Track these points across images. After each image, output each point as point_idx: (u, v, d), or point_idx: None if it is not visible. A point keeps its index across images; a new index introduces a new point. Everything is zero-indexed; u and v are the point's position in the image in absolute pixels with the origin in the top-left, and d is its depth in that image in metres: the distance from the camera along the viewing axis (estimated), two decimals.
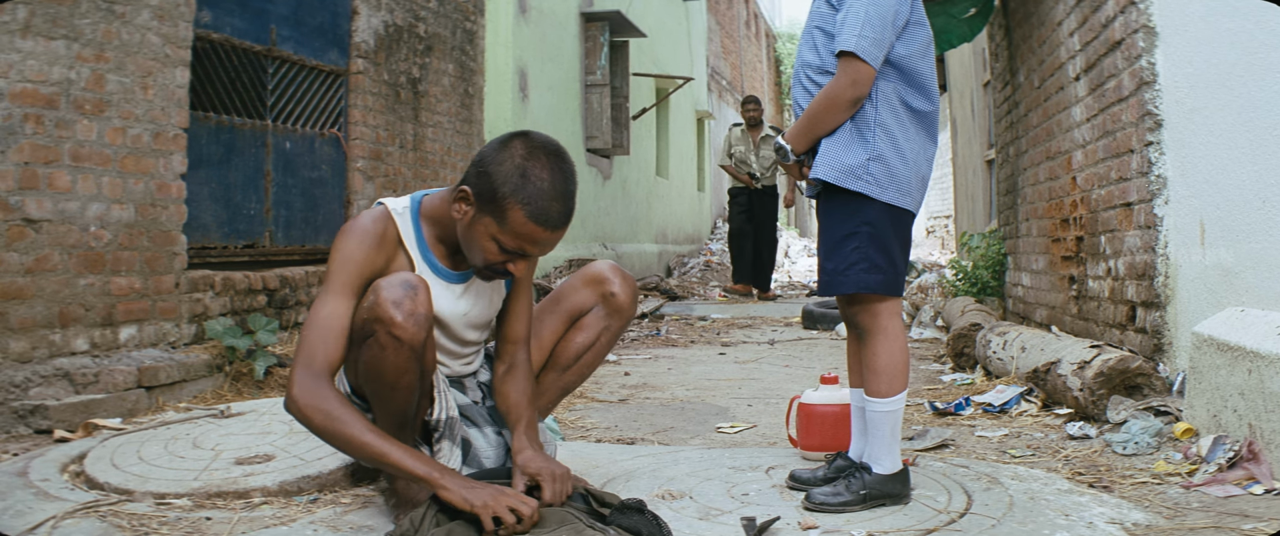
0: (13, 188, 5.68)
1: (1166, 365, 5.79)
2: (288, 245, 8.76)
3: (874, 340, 4.16)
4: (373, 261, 3.68)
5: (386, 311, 3.44)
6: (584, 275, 4.31)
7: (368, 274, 3.67)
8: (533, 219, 3.52)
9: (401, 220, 3.81)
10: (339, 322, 3.57)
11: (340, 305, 3.59)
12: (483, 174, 3.56)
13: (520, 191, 3.50)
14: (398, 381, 3.57)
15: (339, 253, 3.66)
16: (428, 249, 3.83)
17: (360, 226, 3.71)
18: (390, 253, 3.76)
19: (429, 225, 3.84)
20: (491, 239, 3.58)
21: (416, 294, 3.49)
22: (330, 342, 3.54)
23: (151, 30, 6.62)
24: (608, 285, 4.24)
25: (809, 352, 9.88)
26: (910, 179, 4.14)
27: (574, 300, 4.27)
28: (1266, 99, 5.00)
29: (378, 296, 3.48)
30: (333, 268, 3.65)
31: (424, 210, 3.85)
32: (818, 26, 4.23)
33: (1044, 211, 8.88)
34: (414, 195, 3.91)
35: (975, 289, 11.41)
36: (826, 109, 4.08)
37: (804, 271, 25.28)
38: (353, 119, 9.68)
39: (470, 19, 12.52)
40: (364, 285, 3.66)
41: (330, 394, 3.44)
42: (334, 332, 3.55)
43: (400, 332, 3.45)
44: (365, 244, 3.68)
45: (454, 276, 3.87)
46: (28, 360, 5.73)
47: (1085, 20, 7.06)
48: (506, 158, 3.55)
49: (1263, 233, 4.99)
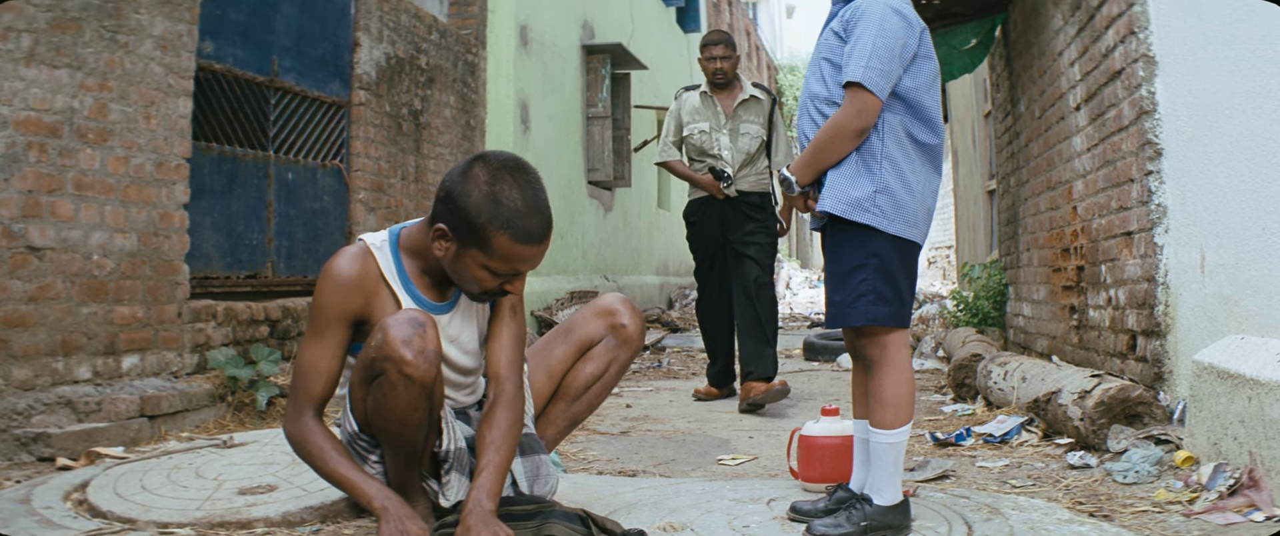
0: (16, 215, 5.70)
1: (1167, 393, 5.79)
2: (289, 276, 8.78)
3: (881, 371, 4.15)
4: (350, 302, 3.74)
5: (396, 350, 3.46)
6: (594, 307, 4.33)
7: (347, 315, 3.74)
8: (518, 240, 3.57)
9: (381, 255, 3.83)
10: (323, 363, 3.71)
11: (322, 347, 3.72)
12: (454, 208, 3.59)
13: (498, 217, 3.54)
14: (407, 418, 3.59)
15: (318, 294, 3.75)
16: (410, 282, 3.84)
17: (337, 268, 3.76)
18: (371, 290, 3.78)
19: (409, 257, 3.86)
20: (483, 268, 3.62)
21: (425, 332, 3.51)
22: (313, 382, 3.71)
23: (154, 60, 6.65)
24: (617, 317, 4.27)
25: (810, 384, 9.86)
26: (917, 211, 4.14)
27: (584, 331, 4.29)
28: (1265, 127, 5.01)
29: (386, 335, 3.49)
30: (313, 309, 3.76)
31: (404, 242, 3.87)
32: (825, 58, 4.24)
33: (1045, 241, 8.88)
34: (392, 228, 3.93)
35: (976, 319, 11.40)
36: (832, 139, 4.09)
37: (805, 303, 25.25)
38: (354, 150, 9.71)
39: (472, 51, 12.57)
40: (345, 325, 3.75)
41: (313, 427, 3.69)
42: (319, 373, 3.71)
43: (411, 371, 3.47)
44: (342, 287, 3.74)
45: (439, 307, 3.88)
46: (30, 387, 5.73)
47: (1085, 50, 7.08)
48: (473, 187, 3.58)
49: (1262, 260, 5.00)
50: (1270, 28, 5.17)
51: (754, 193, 8.82)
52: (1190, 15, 5.67)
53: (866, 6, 4.12)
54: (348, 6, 9.73)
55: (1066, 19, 7.63)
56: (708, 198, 8.90)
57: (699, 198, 9.02)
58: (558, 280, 14.65)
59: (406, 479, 3.79)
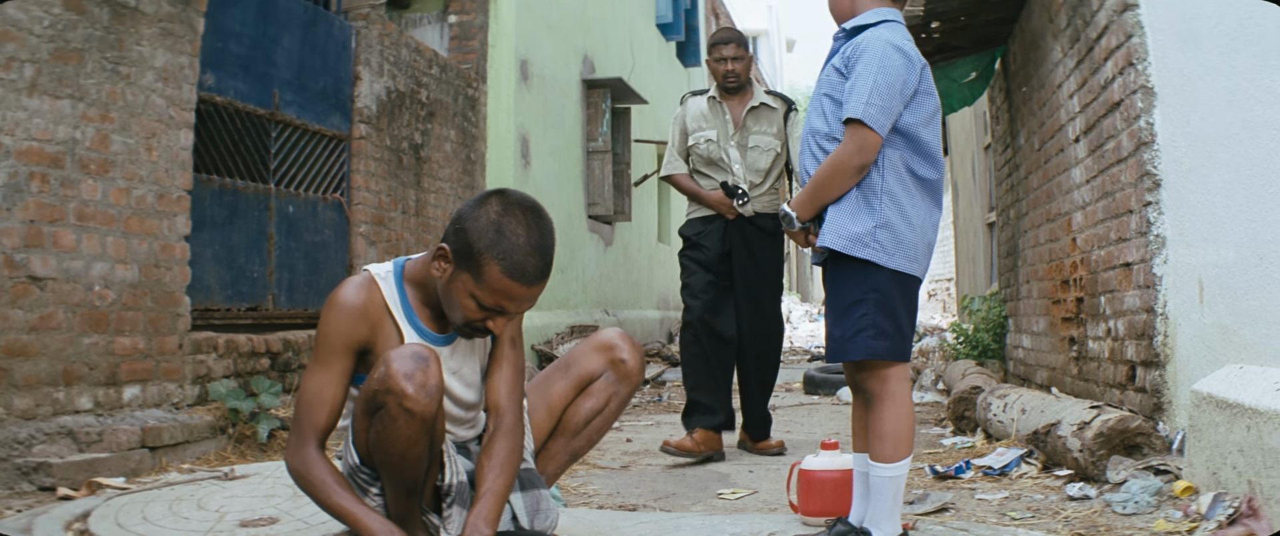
0: (18, 245, 5.72)
1: (1166, 424, 5.79)
2: (290, 308, 8.79)
3: (881, 405, 4.16)
4: (356, 332, 3.73)
5: (398, 384, 3.46)
6: (594, 342, 4.32)
7: (353, 345, 3.73)
8: (509, 274, 3.56)
9: (385, 285, 3.83)
10: (326, 392, 3.69)
11: (326, 376, 3.70)
12: (459, 231, 3.61)
13: (495, 247, 3.54)
14: (408, 452, 3.59)
15: (323, 324, 3.74)
16: (413, 313, 3.84)
17: (343, 297, 3.76)
18: (375, 320, 3.78)
19: (413, 289, 3.86)
20: (469, 296, 3.61)
21: (427, 366, 3.51)
22: (317, 412, 3.67)
23: (156, 92, 6.68)
24: (617, 352, 4.26)
25: (810, 418, 9.86)
26: (917, 245, 4.16)
27: (584, 366, 4.28)
28: (1263, 157, 5.04)
29: (389, 369, 3.49)
30: (318, 339, 3.74)
31: (408, 274, 3.88)
32: (826, 94, 4.26)
33: (1044, 273, 8.89)
34: (397, 260, 3.94)
35: (976, 352, 11.40)
36: (833, 175, 4.12)
37: (805, 336, 25.22)
38: (355, 184, 9.73)
39: (472, 86, 12.60)
40: (349, 355, 3.73)
41: (315, 459, 3.64)
42: (322, 402, 3.68)
43: (412, 405, 3.47)
44: (348, 316, 3.72)
45: (440, 339, 3.88)
46: (32, 417, 5.74)
47: (1084, 82, 7.10)
48: (482, 214, 3.60)
49: (1260, 289, 5.02)
50: (1267, 57, 5.21)
51: (767, 215, 7.72)
52: (1188, 46, 5.71)
53: (868, 43, 4.14)
54: (348, 40, 9.77)
55: (1066, 51, 7.66)
56: (714, 216, 7.76)
57: (702, 215, 7.85)
58: (558, 314, 14.65)
59: (407, 512, 3.79)
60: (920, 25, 9.77)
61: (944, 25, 9.99)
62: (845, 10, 4.39)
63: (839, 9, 4.43)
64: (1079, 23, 7.19)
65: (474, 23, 12.99)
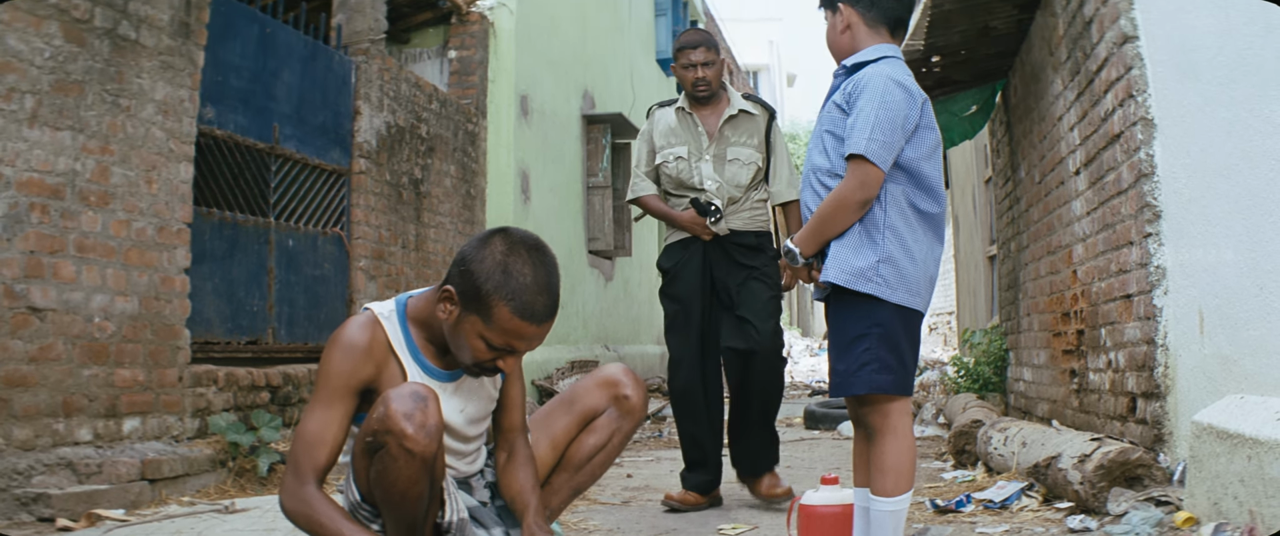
0: (18, 275, 5.72)
1: (1167, 455, 5.78)
2: (290, 342, 8.78)
3: (883, 439, 4.17)
4: (360, 371, 3.72)
5: (398, 424, 3.45)
6: (597, 378, 4.31)
7: (356, 384, 3.71)
8: (518, 314, 3.57)
9: (389, 324, 3.83)
10: (328, 432, 3.65)
11: (329, 415, 3.66)
12: (465, 272, 3.61)
13: (504, 288, 3.55)
14: (408, 491, 3.57)
15: (326, 363, 3.71)
16: (418, 351, 3.84)
17: (347, 337, 3.74)
18: (380, 359, 3.77)
19: (417, 327, 3.86)
20: (479, 337, 3.61)
21: (427, 406, 3.50)
22: (317, 452, 3.63)
23: (156, 125, 6.69)
24: (621, 388, 4.25)
25: (810, 453, 9.85)
26: (919, 279, 4.18)
27: (587, 402, 4.27)
28: (1262, 187, 5.05)
29: (388, 408, 3.48)
30: (320, 378, 3.72)
31: (411, 312, 3.87)
32: (828, 130, 4.28)
33: (1045, 305, 8.89)
34: (399, 297, 3.93)
35: (977, 385, 11.38)
36: (836, 211, 4.14)
37: (806, 371, 25.17)
38: (355, 218, 9.75)
39: (472, 121, 12.63)
40: (353, 395, 3.71)
41: (317, 497, 3.59)
42: (323, 441, 3.64)
43: (412, 445, 3.46)
44: (353, 354, 3.71)
45: (445, 375, 3.88)
46: (31, 448, 5.73)
47: (1085, 114, 7.11)
48: (487, 255, 3.60)
49: (1260, 320, 5.02)
50: (1266, 87, 5.23)
51: (749, 232, 6.92)
52: (1187, 77, 5.73)
53: (869, 79, 4.17)
54: (348, 75, 9.80)
55: (1066, 84, 7.67)
56: (690, 240, 7.00)
57: (678, 240, 7.10)
58: (558, 349, 14.63)
59: None
60: (921, 59, 9.80)
61: (945, 59, 10.02)
62: (845, 47, 4.42)
63: (838, 46, 4.45)
64: (1079, 55, 7.20)
65: (474, 58, 13.03)
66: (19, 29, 5.72)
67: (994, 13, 8.82)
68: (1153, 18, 5.98)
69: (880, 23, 4.36)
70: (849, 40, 4.40)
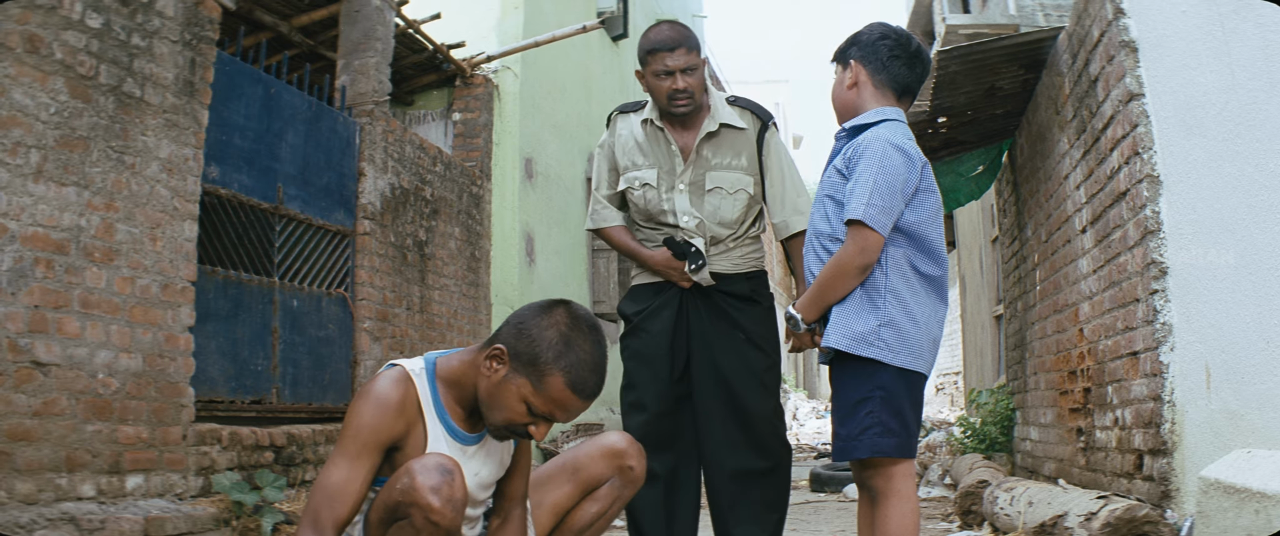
0: (22, 330, 5.70)
1: (1174, 511, 5.75)
2: (295, 402, 8.75)
3: (887, 503, 4.18)
4: (392, 428, 3.71)
5: (425, 498, 3.47)
6: (601, 448, 4.31)
7: (385, 441, 3.70)
8: (571, 387, 3.62)
9: (419, 382, 3.83)
10: (352, 487, 3.61)
11: (354, 470, 3.63)
12: (524, 335, 3.65)
13: (562, 359, 3.61)
14: None
15: (357, 417, 3.69)
16: (444, 411, 3.84)
17: (381, 392, 3.73)
18: (411, 417, 3.77)
19: (446, 387, 3.86)
20: (523, 401, 3.65)
21: (453, 479, 3.53)
22: (339, 505, 3.58)
23: (160, 182, 6.69)
24: (626, 459, 4.27)
25: (816, 515, 9.78)
26: (922, 342, 4.19)
27: (591, 472, 4.28)
28: (1268, 242, 5.07)
29: (414, 480, 3.50)
30: (349, 431, 3.68)
31: (441, 372, 3.87)
32: (828, 195, 4.31)
33: (1052, 364, 8.87)
34: (427, 356, 3.93)
35: (983, 445, 11.35)
36: (836, 277, 4.16)
37: (811, 433, 25.12)
38: (360, 279, 9.74)
39: (476, 183, 12.65)
40: (380, 451, 3.70)
41: None
42: (346, 495, 3.60)
43: (438, 518, 3.48)
44: (386, 411, 3.70)
45: (469, 438, 3.88)
46: (34, 502, 5.69)
47: (1091, 173, 7.12)
48: (551, 324, 3.66)
49: (1267, 374, 5.02)
50: (1271, 143, 5.24)
51: (739, 276, 5.50)
52: (1193, 133, 5.74)
53: (868, 144, 4.19)
54: (352, 137, 9.82)
55: (1072, 142, 7.68)
56: (662, 284, 5.62)
57: (647, 283, 5.72)
58: None
59: None
60: (927, 121, 9.82)
61: (951, 120, 10.04)
62: (849, 103, 4.44)
63: (843, 102, 4.48)
64: (1085, 113, 7.22)
65: (478, 121, 13.07)
66: (25, 83, 5.73)
67: (1000, 73, 8.85)
68: (1158, 74, 6.01)
69: (888, 87, 4.39)
70: (854, 97, 4.42)
